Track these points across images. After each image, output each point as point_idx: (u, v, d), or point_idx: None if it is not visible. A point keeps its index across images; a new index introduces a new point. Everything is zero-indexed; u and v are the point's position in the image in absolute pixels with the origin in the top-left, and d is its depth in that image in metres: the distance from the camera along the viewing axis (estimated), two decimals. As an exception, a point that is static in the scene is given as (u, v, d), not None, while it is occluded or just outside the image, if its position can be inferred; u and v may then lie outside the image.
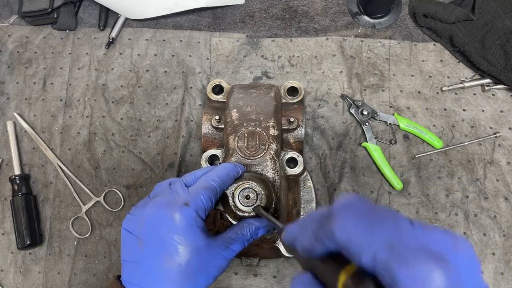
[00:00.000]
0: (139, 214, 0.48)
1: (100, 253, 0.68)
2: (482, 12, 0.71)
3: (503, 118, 0.69)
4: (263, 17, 0.76)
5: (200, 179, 0.50)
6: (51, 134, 0.73)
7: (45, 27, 0.78)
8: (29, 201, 0.69)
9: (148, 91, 0.74)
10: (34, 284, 0.68)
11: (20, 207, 0.68)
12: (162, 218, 0.46)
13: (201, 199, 0.47)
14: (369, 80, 0.72)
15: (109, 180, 0.71)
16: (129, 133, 0.72)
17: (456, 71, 0.72)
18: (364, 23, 0.75)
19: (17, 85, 0.76)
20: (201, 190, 0.48)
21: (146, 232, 0.46)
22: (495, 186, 0.67)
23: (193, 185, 0.49)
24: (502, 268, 0.64)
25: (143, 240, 0.46)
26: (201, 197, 0.47)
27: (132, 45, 0.76)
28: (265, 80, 0.73)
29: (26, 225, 0.67)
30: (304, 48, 0.74)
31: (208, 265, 0.47)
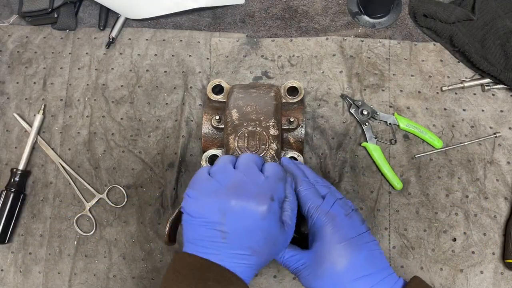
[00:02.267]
0: (216, 204, 0.46)
1: (100, 253, 0.68)
2: (482, 12, 0.71)
3: (503, 118, 0.69)
4: (263, 17, 0.76)
5: (268, 169, 0.50)
6: (51, 134, 0.73)
7: (45, 27, 0.78)
8: (16, 200, 0.69)
9: (148, 91, 0.74)
10: (34, 284, 0.68)
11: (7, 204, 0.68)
12: (249, 213, 0.46)
13: (280, 193, 0.49)
14: (369, 80, 0.72)
15: (109, 180, 0.71)
16: (129, 133, 0.72)
17: (456, 71, 0.72)
18: (364, 23, 0.75)
19: (17, 85, 0.76)
20: (279, 182, 0.49)
21: (230, 226, 0.46)
22: (495, 186, 0.67)
23: (267, 175, 0.49)
24: (502, 268, 0.64)
25: (227, 232, 0.46)
26: (280, 190, 0.49)
27: (132, 45, 0.76)
28: (265, 80, 0.73)
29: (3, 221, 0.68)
30: (304, 48, 0.74)
31: (280, 249, 0.51)
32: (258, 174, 0.49)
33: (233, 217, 0.46)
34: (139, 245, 0.68)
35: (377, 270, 0.48)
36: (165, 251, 0.67)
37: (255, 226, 0.46)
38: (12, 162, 0.73)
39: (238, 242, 0.46)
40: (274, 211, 0.47)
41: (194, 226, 0.47)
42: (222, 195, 0.46)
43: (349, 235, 0.49)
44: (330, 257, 0.48)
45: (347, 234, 0.49)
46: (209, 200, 0.47)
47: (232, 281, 0.46)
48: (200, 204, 0.47)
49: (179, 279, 0.45)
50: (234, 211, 0.46)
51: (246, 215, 0.46)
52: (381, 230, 0.66)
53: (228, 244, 0.46)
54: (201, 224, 0.47)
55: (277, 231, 0.48)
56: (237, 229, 0.46)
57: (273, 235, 0.47)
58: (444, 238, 0.66)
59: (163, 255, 0.67)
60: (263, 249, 0.47)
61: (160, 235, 0.68)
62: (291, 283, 0.65)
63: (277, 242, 0.48)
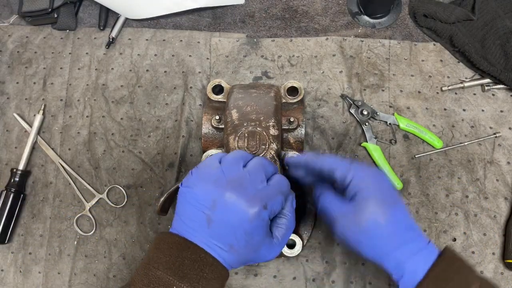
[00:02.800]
0: (212, 191, 0.47)
1: (100, 253, 0.68)
2: (482, 12, 0.71)
3: (503, 118, 0.69)
4: (263, 17, 0.76)
5: (274, 179, 0.51)
6: (51, 134, 0.73)
7: (45, 27, 0.78)
8: (16, 200, 0.69)
9: (148, 91, 0.74)
10: (34, 284, 0.68)
11: (7, 204, 0.68)
12: (238, 210, 0.46)
13: (276, 205, 0.49)
14: (369, 80, 0.72)
15: (109, 180, 0.71)
16: (129, 133, 0.72)
17: (456, 71, 0.72)
18: (364, 23, 0.75)
19: (17, 85, 0.76)
20: (279, 195, 0.50)
21: (217, 215, 0.47)
22: (495, 186, 0.67)
23: (270, 184, 0.50)
24: (502, 268, 0.64)
25: (213, 220, 0.47)
26: (277, 203, 0.49)
27: (132, 45, 0.76)
28: (265, 80, 0.73)
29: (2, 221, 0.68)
30: (304, 48, 0.74)
31: (261, 258, 0.51)
32: (262, 179, 0.50)
33: (222, 208, 0.47)
34: (139, 245, 0.68)
35: (415, 235, 0.49)
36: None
37: (240, 225, 0.47)
38: (12, 162, 0.73)
39: (220, 234, 0.47)
40: (262, 219, 0.48)
41: (186, 203, 0.49)
42: (220, 185, 0.47)
43: (388, 195, 0.50)
44: (373, 209, 0.48)
45: (386, 194, 0.50)
46: (207, 186, 0.48)
47: (209, 262, 0.47)
48: (199, 185, 0.48)
49: (158, 255, 0.47)
50: (225, 203, 0.47)
51: (235, 211, 0.47)
52: (381, 230, 0.66)
53: (211, 231, 0.47)
54: (192, 203, 0.48)
55: (261, 239, 0.48)
56: (222, 221, 0.47)
57: (255, 241, 0.48)
58: (444, 238, 0.66)
59: (163, 255, 0.67)
60: (242, 250, 0.48)
61: (160, 235, 0.68)
62: (291, 283, 0.65)
63: (258, 250, 0.49)
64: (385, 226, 0.48)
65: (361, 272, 0.65)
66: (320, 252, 0.66)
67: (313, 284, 0.65)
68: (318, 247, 0.66)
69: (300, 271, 0.65)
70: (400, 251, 0.48)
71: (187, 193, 0.49)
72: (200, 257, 0.47)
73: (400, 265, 0.47)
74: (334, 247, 0.66)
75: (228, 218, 0.47)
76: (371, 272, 0.65)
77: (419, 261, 0.47)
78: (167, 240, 0.48)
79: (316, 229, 0.66)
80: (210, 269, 0.47)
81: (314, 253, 0.66)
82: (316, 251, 0.66)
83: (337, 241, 0.66)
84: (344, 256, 0.65)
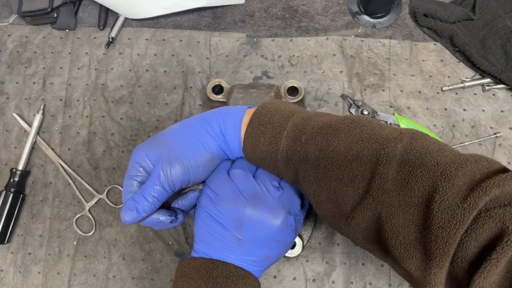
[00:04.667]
0: (235, 210, 0.47)
1: (99, 253, 0.68)
2: (483, 12, 0.71)
3: (503, 118, 0.69)
4: (263, 17, 0.76)
5: (286, 186, 0.51)
6: (51, 134, 0.73)
7: (44, 26, 0.78)
8: (16, 200, 0.69)
9: (148, 91, 0.74)
10: (34, 284, 0.68)
11: (6, 204, 0.68)
12: (265, 225, 0.47)
13: (297, 206, 0.50)
14: (369, 80, 0.72)
15: (109, 180, 0.70)
16: (129, 133, 0.72)
17: (457, 70, 0.72)
18: (364, 23, 0.74)
19: (17, 84, 0.76)
20: (296, 195, 0.51)
21: (246, 234, 0.47)
22: (496, 186, 0.67)
23: (285, 187, 0.50)
24: (502, 268, 0.64)
25: (243, 240, 0.47)
26: (297, 203, 0.50)
27: (131, 44, 0.76)
28: (265, 80, 0.73)
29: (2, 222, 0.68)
30: (304, 48, 0.74)
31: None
32: (276, 185, 0.50)
33: (250, 227, 0.47)
34: (139, 246, 0.68)
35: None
36: (165, 251, 0.67)
37: (272, 238, 0.48)
38: (12, 162, 0.72)
39: (253, 250, 0.48)
40: (291, 224, 0.49)
41: (209, 225, 0.48)
42: (241, 204, 0.47)
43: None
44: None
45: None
46: (228, 206, 0.48)
47: (241, 275, 0.47)
48: (219, 208, 0.48)
49: (189, 283, 0.46)
50: (251, 221, 0.47)
51: (263, 226, 0.47)
52: (382, 230, 0.66)
53: (243, 250, 0.48)
54: (217, 225, 0.48)
55: (292, 239, 0.51)
56: (253, 239, 0.48)
57: (288, 243, 0.50)
58: (445, 238, 0.65)
59: (163, 255, 0.67)
60: (277, 255, 0.50)
61: (159, 236, 0.68)
62: (291, 284, 0.65)
63: (289, 246, 0.52)
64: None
65: (361, 272, 0.65)
66: (320, 253, 0.65)
67: (313, 284, 0.65)
68: (318, 248, 0.66)
69: (300, 271, 0.65)
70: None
71: (209, 215, 0.48)
72: (231, 272, 0.47)
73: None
74: (334, 247, 0.65)
75: (258, 234, 0.47)
76: (371, 272, 0.64)
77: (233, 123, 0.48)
78: (192, 265, 0.48)
79: (316, 229, 0.66)
80: (243, 281, 0.47)
81: (314, 253, 0.66)
82: (316, 252, 0.66)
83: (337, 242, 0.66)
84: (344, 257, 0.65)
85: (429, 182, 0.37)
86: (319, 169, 0.43)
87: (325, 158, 0.42)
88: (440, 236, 0.35)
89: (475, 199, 0.35)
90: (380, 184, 0.39)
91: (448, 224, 0.35)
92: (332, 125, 0.44)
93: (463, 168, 0.37)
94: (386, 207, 0.39)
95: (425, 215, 0.37)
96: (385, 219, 0.39)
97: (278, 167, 0.46)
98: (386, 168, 0.39)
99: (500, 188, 0.35)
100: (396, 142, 0.40)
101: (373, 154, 0.40)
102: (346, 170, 0.41)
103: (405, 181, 0.38)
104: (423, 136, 0.41)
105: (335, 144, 0.42)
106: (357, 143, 0.41)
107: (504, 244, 0.33)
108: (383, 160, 0.40)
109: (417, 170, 0.38)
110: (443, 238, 0.35)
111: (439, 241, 0.36)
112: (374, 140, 0.41)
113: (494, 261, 0.33)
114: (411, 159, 0.39)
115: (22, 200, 0.70)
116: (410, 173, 0.38)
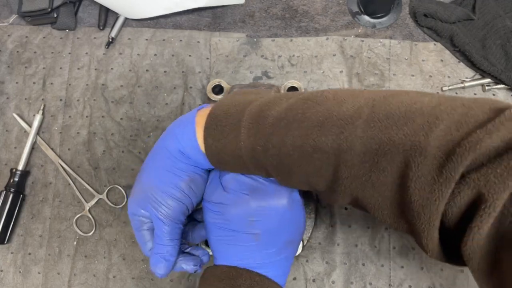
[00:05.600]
0: (239, 212, 0.46)
1: (100, 253, 0.68)
2: (483, 12, 0.71)
3: (503, 118, 0.69)
4: (263, 17, 0.76)
5: None
6: (51, 134, 0.73)
7: (44, 27, 0.78)
8: (16, 200, 0.69)
9: (148, 91, 0.74)
10: (34, 285, 0.68)
11: (6, 204, 0.68)
12: (274, 211, 0.46)
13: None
14: (369, 80, 0.72)
15: (109, 180, 0.70)
16: (129, 133, 0.72)
17: (457, 71, 0.72)
18: (364, 23, 0.74)
19: (17, 85, 0.76)
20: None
21: (261, 226, 0.46)
22: (496, 186, 0.67)
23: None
24: (502, 269, 0.64)
25: (259, 234, 0.46)
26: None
27: (131, 45, 0.76)
28: (265, 80, 0.73)
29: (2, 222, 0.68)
30: (304, 48, 0.74)
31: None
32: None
33: (261, 218, 0.46)
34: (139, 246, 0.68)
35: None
36: (165, 251, 0.67)
37: (284, 219, 0.47)
38: (12, 162, 0.72)
39: (271, 240, 0.47)
40: (297, 200, 0.48)
41: (224, 238, 0.48)
42: (244, 202, 0.47)
43: None
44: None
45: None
46: (234, 210, 0.47)
47: (265, 284, 0.46)
48: (227, 216, 0.47)
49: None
50: (260, 212, 0.46)
51: (273, 212, 0.46)
52: (382, 230, 0.66)
53: (261, 243, 0.47)
54: (231, 233, 0.47)
55: (303, 216, 0.49)
56: (267, 229, 0.47)
57: (301, 222, 0.49)
58: (445, 238, 0.66)
59: (163, 255, 0.67)
60: (296, 238, 0.49)
61: (160, 236, 0.68)
62: (291, 284, 0.65)
63: (303, 225, 0.50)
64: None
65: (361, 272, 0.65)
66: (320, 253, 0.65)
67: (313, 284, 0.65)
68: (318, 248, 0.66)
69: (300, 271, 0.65)
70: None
71: (219, 227, 0.48)
72: (255, 280, 0.45)
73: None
74: (334, 247, 0.65)
75: (270, 222, 0.46)
76: (371, 272, 0.64)
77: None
78: (215, 273, 0.47)
79: (316, 229, 0.66)
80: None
81: (314, 253, 0.65)
82: (316, 252, 0.66)
83: (337, 242, 0.66)
84: (344, 257, 0.65)
85: (400, 158, 0.35)
86: (284, 165, 0.41)
87: (285, 155, 0.40)
88: (422, 213, 0.35)
89: (450, 172, 0.32)
90: (347, 172, 0.37)
91: (428, 201, 0.34)
92: (286, 116, 0.40)
93: (435, 131, 0.33)
94: (361, 191, 0.38)
95: (402, 193, 0.36)
96: (363, 200, 0.39)
97: (248, 169, 0.45)
98: (349, 155, 0.37)
99: (478, 148, 0.32)
100: (355, 120, 0.37)
101: (333, 140, 0.37)
102: (310, 164, 0.39)
103: (374, 161, 0.36)
104: (385, 101, 0.37)
105: (291, 138, 0.39)
106: (313, 131, 0.38)
107: (482, 212, 0.32)
108: (344, 146, 0.37)
109: (385, 147, 0.35)
110: (426, 214, 0.35)
111: (422, 217, 0.35)
112: (331, 123, 0.37)
113: (475, 229, 0.32)
114: (375, 135, 0.36)
115: (22, 200, 0.70)
116: (377, 152, 0.36)
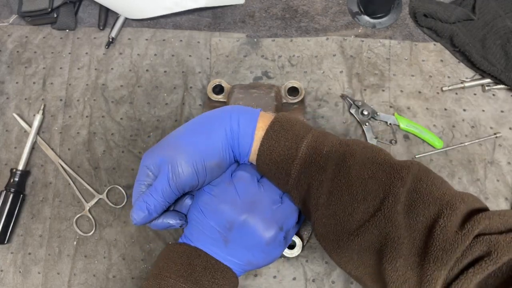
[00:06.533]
0: (227, 211, 0.48)
1: (99, 253, 0.68)
2: (483, 12, 0.71)
3: (503, 118, 0.69)
4: (263, 17, 0.76)
5: (286, 201, 0.51)
6: (51, 134, 0.73)
7: (44, 27, 0.78)
8: (16, 200, 0.69)
9: (148, 91, 0.74)
10: (34, 285, 0.68)
11: (6, 204, 0.68)
12: (254, 234, 0.48)
13: (291, 223, 0.51)
14: (369, 80, 0.72)
15: (109, 180, 0.70)
16: (129, 133, 0.72)
17: (457, 71, 0.72)
18: (364, 23, 0.74)
19: (17, 85, 0.76)
20: (294, 213, 0.51)
21: (234, 237, 0.48)
22: (496, 186, 0.67)
23: (285, 201, 0.51)
24: (502, 269, 0.64)
25: (230, 241, 0.48)
26: (292, 221, 0.51)
27: (131, 45, 0.76)
28: (265, 80, 0.73)
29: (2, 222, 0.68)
30: (304, 48, 0.74)
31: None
32: (277, 198, 0.50)
33: (239, 232, 0.48)
34: (139, 246, 0.68)
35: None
36: (165, 251, 0.67)
37: (258, 248, 0.48)
38: (12, 162, 0.72)
39: (238, 253, 0.48)
40: (279, 240, 0.49)
41: (201, 220, 0.49)
42: (236, 208, 0.48)
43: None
44: None
45: None
46: (223, 207, 0.48)
47: (220, 268, 0.48)
48: (214, 206, 0.48)
49: (169, 265, 0.47)
50: (242, 227, 0.47)
51: (252, 235, 0.48)
52: (382, 230, 0.66)
53: (228, 250, 0.48)
54: (209, 221, 0.48)
55: (278, 254, 0.51)
56: (240, 244, 0.48)
57: (273, 257, 0.50)
58: (445, 238, 0.66)
59: (163, 255, 0.67)
60: (261, 264, 0.50)
61: (159, 236, 0.68)
62: (291, 284, 0.65)
63: (274, 259, 0.51)
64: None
65: (361, 272, 0.65)
66: (320, 253, 0.65)
67: (313, 284, 0.65)
68: (318, 247, 0.66)
69: (300, 271, 0.65)
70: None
71: (203, 211, 0.49)
72: (211, 263, 0.47)
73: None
74: (334, 247, 0.66)
75: (245, 241, 0.48)
76: (371, 273, 0.64)
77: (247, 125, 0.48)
78: (177, 249, 0.49)
79: (316, 229, 0.66)
80: (221, 275, 0.47)
81: (314, 253, 0.66)
82: (316, 252, 0.66)
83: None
84: (344, 257, 0.65)
85: (435, 209, 0.41)
86: (334, 182, 0.45)
87: (341, 173, 0.45)
88: (440, 257, 0.39)
89: (472, 227, 0.39)
90: (392, 204, 0.42)
91: (449, 246, 0.39)
92: (348, 144, 0.47)
93: (464, 201, 0.42)
94: (395, 228, 0.41)
95: (426, 239, 0.40)
96: (392, 239, 0.41)
97: (290, 175, 0.47)
98: (399, 190, 0.42)
99: (489, 220, 0.40)
100: (408, 170, 0.43)
101: (388, 176, 0.43)
102: (361, 187, 0.44)
103: (412, 206, 0.42)
104: (427, 170, 0.45)
105: (352, 162, 0.45)
106: (372, 165, 0.45)
107: (482, 261, 0.38)
108: (397, 183, 0.42)
109: (424, 197, 0.42)
110: (443, 259, 0.39)
111: (439, 262, 0.39)
112: (388, 165, 0.44)
113: (470, 274, 0.38)
114: (418, 188, 0.42)
115: (22, 200, 0.70)
116: (417, 200, 0.42)
